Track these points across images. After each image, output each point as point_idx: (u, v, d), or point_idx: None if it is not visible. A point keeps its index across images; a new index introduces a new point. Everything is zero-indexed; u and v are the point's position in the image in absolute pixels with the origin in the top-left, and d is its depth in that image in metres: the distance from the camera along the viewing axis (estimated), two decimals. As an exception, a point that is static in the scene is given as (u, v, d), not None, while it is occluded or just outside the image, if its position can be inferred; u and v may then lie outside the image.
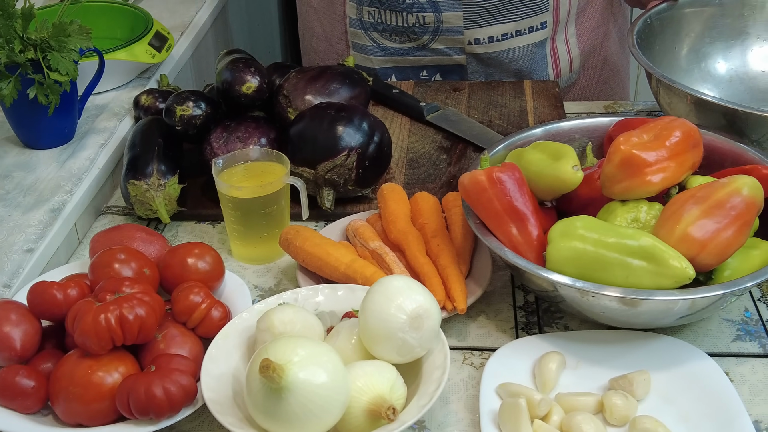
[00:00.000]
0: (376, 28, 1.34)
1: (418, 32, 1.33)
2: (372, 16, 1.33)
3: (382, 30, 1.34)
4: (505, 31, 1.32)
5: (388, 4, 1.31)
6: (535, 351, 0.86)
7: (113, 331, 0.78)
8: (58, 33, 1.07)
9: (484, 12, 1.30)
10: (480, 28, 1.32)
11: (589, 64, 1.43)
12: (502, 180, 0.87)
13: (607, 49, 1.44)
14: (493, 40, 1.33)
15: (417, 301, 0.78)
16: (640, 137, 0.88)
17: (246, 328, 0.85)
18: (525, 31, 1.33)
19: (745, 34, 1.26)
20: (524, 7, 1.31)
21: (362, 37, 1.36)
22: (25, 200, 1.06)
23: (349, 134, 1.04)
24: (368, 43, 1.36)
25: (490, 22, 1.31)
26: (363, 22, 1.35)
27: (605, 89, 1.46)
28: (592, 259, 0.82)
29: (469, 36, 1.32)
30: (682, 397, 0.81)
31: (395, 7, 1.31)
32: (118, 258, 0.87)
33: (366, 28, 1.35)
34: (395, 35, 1.34)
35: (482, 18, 1.31)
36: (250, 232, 1.00)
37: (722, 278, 0.84)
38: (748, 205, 0.83)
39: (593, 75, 1.44)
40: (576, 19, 1.38)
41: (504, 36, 1.33)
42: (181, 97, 1.10)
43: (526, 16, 1.32)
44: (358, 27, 1.36)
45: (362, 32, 1.36)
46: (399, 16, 1.31)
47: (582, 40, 1.40)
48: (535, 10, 1.32)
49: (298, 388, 0.71)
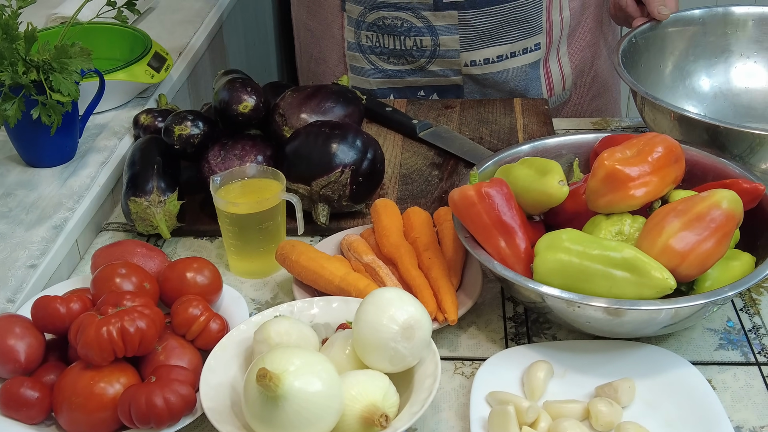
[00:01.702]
0: (374, 51, 1.37)
1: (416, 55, 1.36)
2: (370, 40, 1.36)
3: (380, 53, 1.37)
4: (500, 53, 1.36)
5: (386, 29, 1.34)
6: (524, 360, 0.88)
7: (115, 343, 0.80)
8: (59, 55, 1.10)
9: (479, 35, 1.34)
10: (476, 50, 1.35)
11: (581, 82, 1.46)
12: (490, 195, 0.90)
13: (598, 67, 1.47)
14: (488, 61, 1.36)
15: (408, 312, 0.81)
16: (623, 153, 0.91)
17: (243, 340, 0.87)
18: (519, 52, 1.36)
19: (728, 52, 1.29)
20: (518, 30, 1.35)
21: (360, 60, 1.39)
22: (27, 217, 1.09)
23: (343, 151, 1.07)
24: (366, 65, 1.39)
25: (485, 44, 1.35)
26: (361, 45, 1.38)
27: (596, 106, 1.50)
28: (577, 270, 0.84)
29: (465, 58, 1.36)
30: (665, 404, 0.84)
31: (393, 31, 1.34)
32: (119, 273, 0.90)
33: (364, 51, 1.38)
34: (393, 58, 1.37)
35: (478, 41, 1.34)
36: (247, 247, 1.03)
37: (703, 288, 0.87)
38: (728, 218, 0.86)
39: (585, 92, 1.48)
40: (568, 39, 1.41)
41: (499, 58, 1.36)
42: (179, 117, 1.13)
43: (520, 38, 1.36)
44: (357, 50, 1.39)
45: (360, 55, 1.39)
46: (397, 40, 1.34)
47: (573, 59, 1.43)
48: (529, 32, 1.36)
49: (293, 396, 0.74)
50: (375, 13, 1.33)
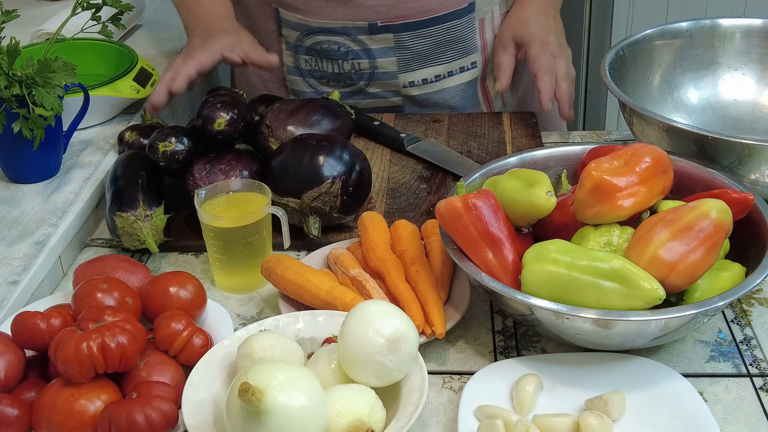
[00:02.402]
0: (313, 75, 1.39)
1: (354, 78, 1.37)
2: (309, 63, 1.37)
3: (319, 77, 1.38)
4: (438, 72, 1.38)
5: (323, 53, 1.35)
6: (513, 374, 0.87)
7: (95, 359, 0.79)
8: (43, 69, 1.09)
9: (416, 56, 1.35)
10: (413, 71, 1.37)
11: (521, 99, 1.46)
12: (477, 206, 0.89)
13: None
14: (426, 81, 1.38)
15: (394, 325, 0.80)
16: (610, 163, 0.91)
17: (227, 355, 0.86)
18: (456, 71, 1.38)
19: (716, 64, 1.29)
20: (453, 50, 1.37)
21: (300, 83, 1.41)
22: (9, 233, 1.07)
23: (331, 162, 1.06)
24: (306, 89, 1.41)
25: (422, 65, 1.36)
26: (300, 69, 1.39)
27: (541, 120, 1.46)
28: (565, 281, 0.83)
29: (403, 80, 1.37)
30: (656, 417, 0.83)
31: (331, 55, 1.35)
32: (101, 287, 0.89)
33: (304, 75, 1.39)
34: (332, 81, 1.38)
35: (415, 62, 1.36)
36: (233, 262, 1.02)
37: (693, 299, 0.86)
38: (717, 228, 0.85)
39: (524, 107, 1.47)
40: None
41: (437, 77, 1.38)
42: (164, 133, 1.12)
43: (456, 57, 1.37)
44: (296, 74, 1.40)
45: (300, 79, 1.40)
46: (335, 63, 1.35)
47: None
48: (464, 51, 1.37)
49: (277, 411, 0.72)
50: (311, 38, 1.35)
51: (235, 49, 1.26)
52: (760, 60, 1.27)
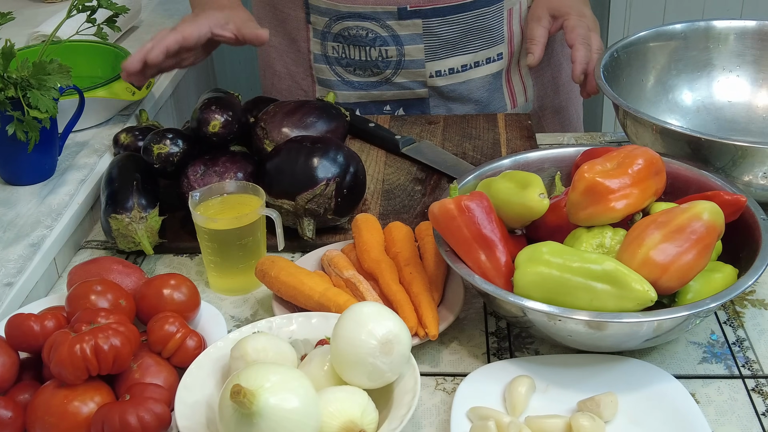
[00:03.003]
0: (340, 62, 1.38)
1: (381, 66, 1.37)
2: (336, 51, 1.37)
3: (346, 65, 1.38)
4: (465, 62, 1.37)
5: (351, 39, 1.35)
6: (506, 375, 0.87)
7: (88, 361, 0.79)
8: (38, 71, 1.09)
9: (443, 44, 1.35)
10: (440, 60, 1.37)
11: (542, 94, 1.47)
12: (470, 208, 0.89)
13: (560, 80, 1.48)
14: (453, 71, 1.38)
15: (387, 327, 0.80)
16: (603, 165, 0.91)
17: (220, 357, 0.86)
18: (483, 62, 1.38)
19: (710, 66, 1.29)
20: (481, 39, 1.37)
21: (327, 72, 1.40)
22: (5, 235, 1.08)
23: (325, 164, 1.06)
24: (333, 77, 1.40)
25: (449, 54, 1.36)
26: (328, 57, 1.39)
27: (559, 119, 1.49)
28: (557, 283, 0.83)
29: (430, 68, 1.37)
30: (648, 419, 0.83)
31: (359, 42, 1.35)
32: (95, 290, 0.89)
33: (331, 63, 1.39)
34: (359, 69, 1.38)
35: (442, 50, 1.36)
36: (227, 264, 1.02)
37: (685, 301, 0.86)
38: (709, 229, 0.85)
39: (547, 105, 1.48)
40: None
41: (464, 67, 1.38)
42: (159, 136, 1.12)
43: (483, 47, 1.38)
44: (323, 62, 1.40)
45: (327, 67, 1.40)
46: (362, 50, 1.35)
47: (534, 70, 1.44)
48: (491, 42, 1.37)
49: (269, 413, 0.72)
50: (340, 24, 1.34)
51: (226, 26, 1.22)
52: (754, 62, 1.28)
